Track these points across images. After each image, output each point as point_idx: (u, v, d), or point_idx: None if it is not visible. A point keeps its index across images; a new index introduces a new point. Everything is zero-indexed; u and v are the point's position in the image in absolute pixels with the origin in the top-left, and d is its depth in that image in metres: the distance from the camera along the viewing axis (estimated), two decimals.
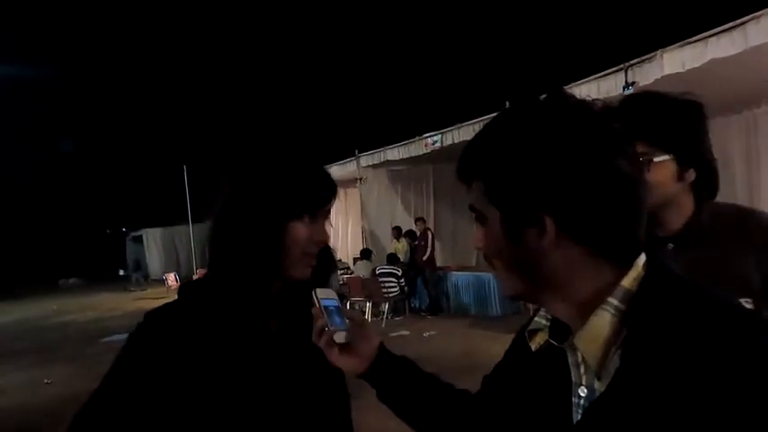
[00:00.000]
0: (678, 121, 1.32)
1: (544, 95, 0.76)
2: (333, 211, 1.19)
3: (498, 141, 0.75)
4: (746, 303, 1.23)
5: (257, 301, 1.10)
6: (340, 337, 1.03)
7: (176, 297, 1.14)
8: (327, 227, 1.19)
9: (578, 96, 0.76)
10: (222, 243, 1.12)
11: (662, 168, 1.31)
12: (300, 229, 1.10)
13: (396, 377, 1.07)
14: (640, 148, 1.26)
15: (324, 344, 1.03)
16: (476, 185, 0.77)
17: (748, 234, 1.33)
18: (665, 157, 1.30)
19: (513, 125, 0.74)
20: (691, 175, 1.34)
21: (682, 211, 1.37)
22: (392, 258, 10.98)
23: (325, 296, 1.07)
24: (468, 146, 0.79)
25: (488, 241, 0.78)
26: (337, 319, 1.05)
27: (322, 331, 1.03)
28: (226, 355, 1.06)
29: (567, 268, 0.73)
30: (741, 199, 8.01)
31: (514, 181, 0.71)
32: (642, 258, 0.73)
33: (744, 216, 1.39)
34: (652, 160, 1.29)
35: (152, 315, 1.10)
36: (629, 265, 0.72)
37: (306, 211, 1.11)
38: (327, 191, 1.15)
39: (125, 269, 28.11)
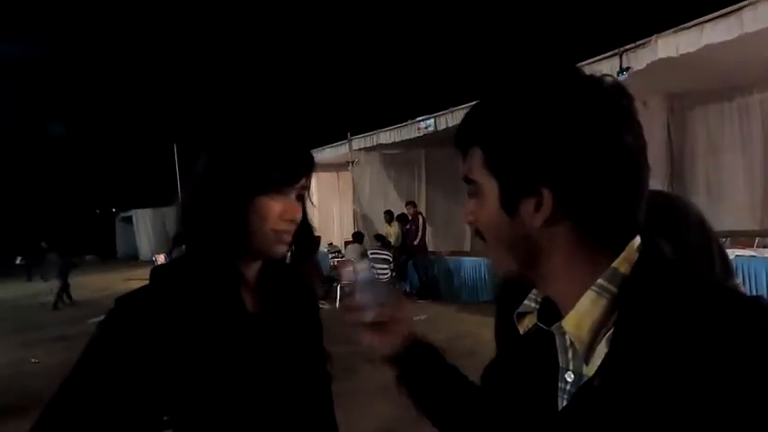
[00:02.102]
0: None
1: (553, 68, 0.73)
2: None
3: (503, 108, 0.72)
4: None
5: (226, 281, 1.07)
6: (368, 315, 0.97)
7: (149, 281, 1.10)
8: (309, 206, 1.15)
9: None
10: (189, 221, 1.08)
11: None
12: (268, 205, 1.05)
13: (422, 363, 1.03)
14: None
15: (351, 321, 1.00)
16: (473, 153, 0.75)
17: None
18: None
19: (520, 93, 0.72)
20: None
21: None
22: (380, 238, 10.96)
23: (362, 270, 1.01)
24: (469, 111, 0.76)
25: (481, 214, 0.75)
26: (370, 295, 0.99)
27: (352, 307, 1.00)
28: (200, 339, 1.03)
29: (561, 246, 0.71)
30: (733, 186, 8.07)
31: (516, 148, 0.69)
32: (637, 241, 0.70)
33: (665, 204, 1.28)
34: None
35: (123, 300, 1.06)
36: (623, 246, 0.70)
37: (274, 186, 1.06)
38: (300, 166, 1.10)
39: (27, 257, 22.99)
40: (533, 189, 0.69)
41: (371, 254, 10.47)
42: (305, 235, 1.16)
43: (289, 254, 1.16)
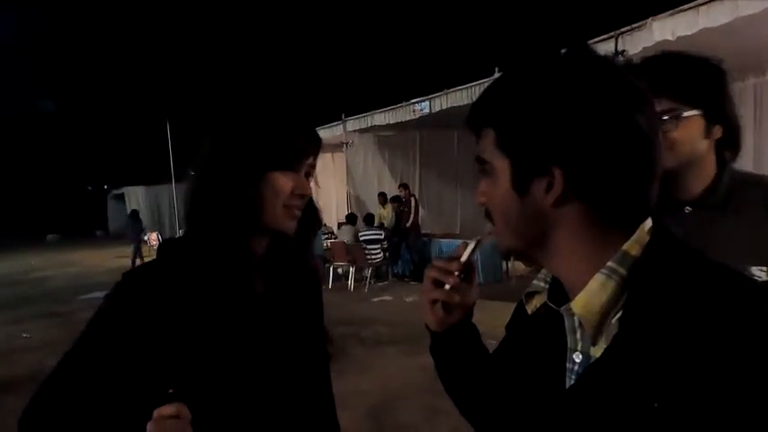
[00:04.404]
0: (704, 75, 1.28)
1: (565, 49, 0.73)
2: (318, 172, 1.17)
3: (515, 88, 0.72)
4: (761, 271, 1.22)
5: (238, 257, 1.07)
6: (454, 298, 0.90)
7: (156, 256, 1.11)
8: (313, 185, 1.16)
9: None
10: (200, 197, 1.09)
11: (691, 124, 1.27)
12: (281, 180, 1.08)
13: (459, 346, 0.98)
14: (667, 105, 1.26)
15: (434, 296, 0.91)
16: (486, 134, 0.74)
17: None
18: (695, 112, 1.26)
19: (532, 74, 0.72)
20: (717, 131, 1.31)
21: (705, 172, 1.33)
22: (370, 220, 10.97)
23: (477, 250, 0.91)
24: (482, 94, 0.76)
25: (493, 194, 0.75)
26: (464, 274, 0.91)
27: (436, 282, 0.90)
28: (206, 316, 1.03)
29: (570, 226, 0.71)
30: None
31: (528, 128, 0.69)
32: (648, 223, 0.71)
33: (766, 183, 1.35)
34: (681, 116, 1.25)
35: (130, 275, 1.07)
36: (633, 229, 0.70)
37: (286, 162, 1.08)
38: (310, 142, 1.12)
39: None
40: (545, 169, 0.68)
41: (362, 236, 10.47)
42: (309, 213, 1.18)
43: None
